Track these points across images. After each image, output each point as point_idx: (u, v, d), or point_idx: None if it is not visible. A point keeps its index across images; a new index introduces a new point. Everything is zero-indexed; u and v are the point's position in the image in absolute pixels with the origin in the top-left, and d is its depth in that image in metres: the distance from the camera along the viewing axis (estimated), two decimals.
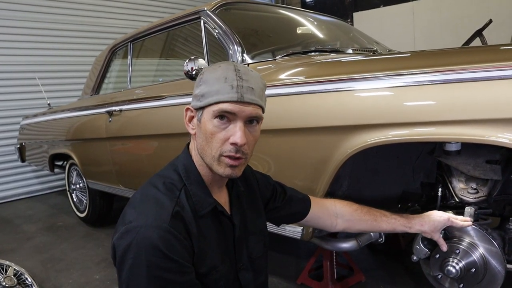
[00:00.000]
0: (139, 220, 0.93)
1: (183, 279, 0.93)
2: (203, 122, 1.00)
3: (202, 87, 0.99)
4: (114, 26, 5.63)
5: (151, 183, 1.05)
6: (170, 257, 0.90)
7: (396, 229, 1.35)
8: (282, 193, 1.33)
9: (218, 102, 0.96)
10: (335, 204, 1.40)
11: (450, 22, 5.23)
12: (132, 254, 0.90)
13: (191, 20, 2.42)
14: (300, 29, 2.63)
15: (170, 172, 1.07)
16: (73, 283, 2.60)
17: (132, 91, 2.88)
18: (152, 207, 0.96)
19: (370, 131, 1.44)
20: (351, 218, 1.36)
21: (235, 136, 0.97)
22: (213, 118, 0.98)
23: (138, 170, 2.81)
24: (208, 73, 1.00)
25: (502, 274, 1.30)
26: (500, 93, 1.19)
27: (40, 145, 4.24)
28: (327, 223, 1.38)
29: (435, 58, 1.54)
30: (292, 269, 2.55)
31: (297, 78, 1.75)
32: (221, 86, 0.96)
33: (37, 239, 3.52)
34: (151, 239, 0.90)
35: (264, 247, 1.23)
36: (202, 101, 0.99)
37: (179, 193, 1.01)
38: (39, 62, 5.09)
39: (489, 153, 1.44)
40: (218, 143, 0.99)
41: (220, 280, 1.05)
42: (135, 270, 0.90)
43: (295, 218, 1.36)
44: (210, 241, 1.03)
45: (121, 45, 3.21)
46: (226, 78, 0.97)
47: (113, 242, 0.96)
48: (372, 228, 1.36)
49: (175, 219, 0.95)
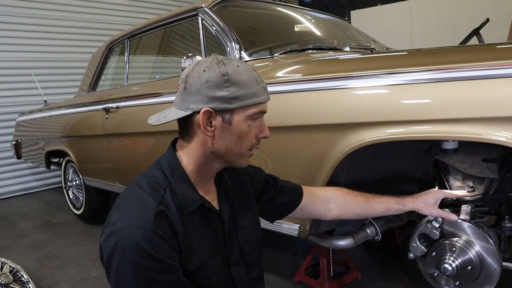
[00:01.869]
0: (123, 221, 0.94)
1: (169, 278, 0.93)
2: (235, 123, 1.00)
3: (233, 89, 0.97)
4: (111, 23, 5.62)
5: (137, 183, 1.05)
6: (155, 256, 0.90)
7: (390, 208, 1.36)
8: (274, 184, 1.34)
9: (258, 103, 1.01)
10: (326, 190, 1.41)
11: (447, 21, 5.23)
12: (117, 255, 0.91)
13: (188, 17, 2.41)
14: (298, 26, 2.63)
15: (155, 171, 1.07)
16: (69, 280, 2.60)
17: (129, 88, 2.87)
18: (136, 208, 0.96)
19: (367, 129, 1.44)
20: (344, 202, 1.37)
21: (265, 131, 1.06)
22: (248, 119, 1.01)
23: (134, 167, 2.80)
24: (235, 74, 0.98)
25: (498, 271, 1.30)
26: (497, 91, 1.19)
27: (36, 142, 4.22)
28: (321, 209, 1.37)
29: (432, 56, 1.54)
30: (288, 266, 2.56)
31: (295, 76, 1.75)
32: (256, 88, 1.00)
33: (33, 236, 3.51)
34: (135, 239, 0.90)
35: (257, 241, 1.23)
36: (234, 104, 0.98)
37: (164, 192, 1.01)
38: (35, 59, 5.07)
39: (486, 152, 1.45)
40: (250, 141, 1.04)
41: (211, 277, 1.05)
42: (121, 271, 0.91)
43: (289, 208, 1.35)
44: (198, 238, 1.03)
45: (118, 42, 3.19)
46: (256, 79, 1.01)
47: (100, 244, 0.96)
48: (366, 209, 1.36)
49: (160, 218, 0.95)
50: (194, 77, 0.99)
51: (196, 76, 0.98)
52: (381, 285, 2.24)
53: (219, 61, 0.99)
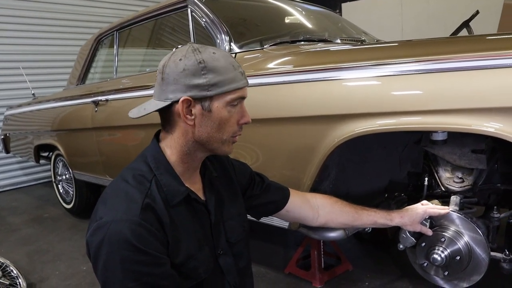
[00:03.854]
0: (109, 215, 0.93)
1: (158, 271, 0.93)
2: (215, 110, 0.99)
3: (210, 76, 0.96)
4: (100, 15, 5.55)
5: (122, 176, 1.04)
6: (142, 250, 0.90)
7: (377, 221, 1.36)
8: (260, 182, 1.33)
9: (236, 89, 1.00)
10: (315, 196, 1.40)
11: (437, 13, 5.25)
12: (105, 250, 0.90)
13: (178, 9, 2.39)
14: (288, 18, 2.61)
15: (139, 163, 1.06)
16: (59, 274, 2.58)
17: (119, 81, 2.85)
18: (122, 201, 0.96)
19: (357, 120, 1.44)
20: (332, 210, 1.36)
21: (246, 116, 1.06)
22: (227, 105, 1.00)
23: (125, 160, 2.78)
24: (211, 61, 0.97)
25: (486, 261, 1.32)
26: (486, 82, 1.20)
27: (25, 136, 4.18)
28: (308, 215, 1.36)
29: (422, 47, 1.55)
30: (280, 258, 2.56)
31: (285, 67, 1.74)
32: (234, 73, 0.99)
33: (22, 231, 3.49)
34: (122, 233, 0.89)
35: (243, 231, 1.22)
36: (212, 90, 0.97)
37: (149, 184, 1.00)
38: (23, 51, 5.00)
39: (475, 143, 1.46)
40: (232, 127, 1.04)
41: (199, 268, 1.04)
42: (109, 266, 0.90)
43: (274, 207, 1.34)
44: (185, 229, 1.03)
45: (106, 34, 3.16)
46: (233, 65, 1.00)
47: (86, 239, 0.95)
48: (354, 220, 1.36)
49: (146, 211, 0.95)
50: (170, 66, 0.98)
51: (173, 66, 0.98)
52: (371, 276, 2.26)
53: (195, 49, 0.98)
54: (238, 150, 1.84)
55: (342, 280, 2.24)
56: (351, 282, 2.21)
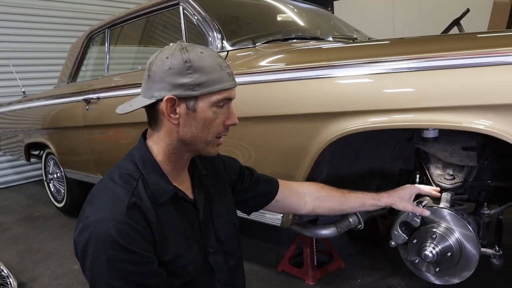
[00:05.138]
0: (95, 214, 0.93)
1: (145, 269, 0.93)
2: (200, 111, 0.99)
3: (196, 76, 0.96)
4: (91, 12, 5.50)
5: (109, 176, 1.03)
6: (128, 248, 0.90)
7: (365, 203, 1.35)
8: (249, 176, 1.33)
9: (222, 90, 0.99)
10: (301, 184, 1.41)
11: (429, 11, 5.28)
12: (91, 249, 0.90)
13: (169, 6, 2.38)
14: (281, 16, 2.61)
15: (126, 163, 1.06)
16: (51, 273, 2.57)
17: (110, 79, 2.83)
18: (108, 201, 0.96)
19: (349, 118, 1.45)
20: (319, 195, 1.36)
21: (232, 118, 1.04)
22: (213, 106, 0.99)
23: (116, 158, 2.72)
24: (198, 60, 0.96)
25: (477, 257, 1.33)
26: (476, 80, 1.21)
27: (15, 134, 4.14)
28: (296, 203, 1.37)
29: (413, 45, 1.55)
30: (272, 256, 2.57)
31: (277, 65, 1.74)
32: (220, 74, 0.98)
33: (13, 230, 3.46)
34: (108, 232, 0.89)
35: (233, 228, 1.22)
36: (198, 90, 0.96)
37: (136, 183, 1.00)
38: (13, 49, 4.95)
39: (465, 140, 1.47)
40: (217, 128, 1.03)
41: (188, 266, 1.04)
42: (96, 265, 0.90)
43: (264, 200, 1.34)
44: (173, 228, 1.03)
45: (98, 32, 3.13)
46: (220, 65, 0.99)
47: (74, 239, 0.95)
48: (341, 204, 1.36)
49: (132, 210, 0.94)
50: (157, 64, 0.97)
51: (159, 64, 0.97)
52: (364, 273, 2.27)
53: (183, 47, 0.98)
54: (230, 148, 1.84)
55: (334, 277, 2.25)
56: (343, 279, 2.22)
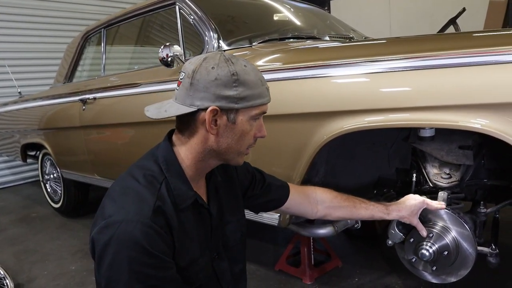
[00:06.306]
0: (119, 214, 0.91)
1: (164, 274, 0.92)
2: (239, 123, 1.00)
3: (240, 89, 0.96)
4: (87, 12, 5.48)
5: (131, 174, 1.02)
6: (152, 252, 0.89)
7: (374, 215, 1.36)
8: (261, 180, 1.33)
9: (261, 105, 1.01)
10: (315, 191, 1.40)
11: (425, 11, 5.29)
12: (112, 249, 0.88)
13: (166, 6, 2.37)
14: (277, 15, 2.61)
15: (150, 163, 1.04)
16: (48, 274, 2.56)
17: (106, 79, 2.82)
18: (132, 201, 0.94)
19: (346, 117, 1.45)
20: (331, 205, 1.37)
21: (262, 131, 1.07)
22: (250, 119, 1.01)
23: (113, 159, 2.76)
24: (243, 74, 0.96)
25: (473, 256, 1.33)
26: (472, 79, 1.21)
27: (11, 134, 4.13)
28: (308, 210, 1.38)
29: (409, 44, 1.55)
30: (270, 256, 2.57)
31: (274, 65, 1.74)
32: (261, 89, 1.00)
33: (10, 231, 3.44)
34: (132, 234, 0.88)
35: (241, 235, 1.23)
36: (240, 104, 0.97)
37: (160, 186, 0.99)
38: (9, 49, 4.93)
39: (462, 139, 1.47)
40: (249, 140, 1.05)
41: (200, 272, 1.04)
42: (115, 266, 0.89)
43: (274, 205, 1.35)
44: (191, 234, 1.03)
45: (94, 32, 3.12)
46: (261, 80, 1.01)
47: (92, 236, 0.93)
48: (351, 214, 1.37)
49: (157, 213, 0.93)
50: (202, 73, 0.95)
51: (205, 73, 0.95)
52: (361, 272, 2.27)
53: (227, 59, 0.97)
54: None
55: (332, 277, 2.25)
56: (341, 278, 2.23)
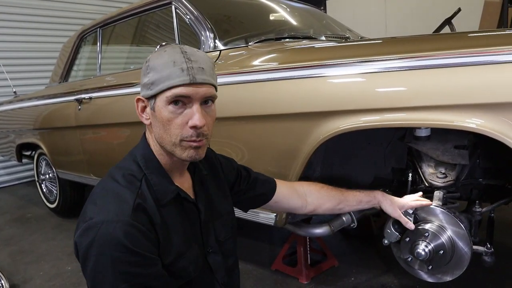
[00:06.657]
0: (100, 215, 0.91)
1: (149, 271, 0.92)
2: (157, 110, 0.97)
3: (150, 75, 0.96)
4: (83, 12, 5.46)
5: (110, 175, 1.02)
6: (134, 251, 0.89)
7: (362, 200, 1.39)
8: (247, 176, 1.33)
9: (170, 87, 0.94)
10: (302, 185, 1.41)
11: (421, 11, 5.31)
12: (95, 251, 0.88)
13: (162, 6, 2.37)
14: (273, 15, 2.61)
15: (129, 163, 1.05)
16: (43, 275, 2.55)
17: (102, 78, 2.81)
18: (112, 201, 0.94)
19: (342, 117, 1.45)
20: (320, 196, 1.38)
21: (193, 119, 0.95)
22: (167, 104, 0.96)
23: (109, 158, 2.75)
24: (154, 59, 0.96)
25: (469, 255, 1.34)
26: (468, 79, 1.21)
27: (6, 134, 4.11)
28: (297, 204, 1.38)
29: (405, 44, 1.56)
30: (266, 255, 2.57)
31: (270, 65, 1.74)
32: (171, 70, 0.94)
33: (5, 231, 3.43)
34: (113, 234, 0.88)
35: (231, 229, 1.23)
36: (153, 89, 0.96)
37: (140, 184, 0.99)
38: (3, 48, 4.90)
39: (457, 139, 1.48)
40: (177, 129, 0.97)
41: (189, 266, 1.04)
42: (99, 267, 0.89)
43: (261, 200, 1.34)
44: (175, 228, 1.02)
45: (90, 31, 3.12)
46: (175, 62, 0.94)
47: (75, 239, 0.94)
48: (340, 202, 1.39)
49: (137, 211, 0.94)
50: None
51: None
52: (357, 271, 2.28)
53: (160, 47, 1.00)
54: (223, 148, 1.84)
55: (328, 276, 2.26)
56: (337, 278, 2.23)
